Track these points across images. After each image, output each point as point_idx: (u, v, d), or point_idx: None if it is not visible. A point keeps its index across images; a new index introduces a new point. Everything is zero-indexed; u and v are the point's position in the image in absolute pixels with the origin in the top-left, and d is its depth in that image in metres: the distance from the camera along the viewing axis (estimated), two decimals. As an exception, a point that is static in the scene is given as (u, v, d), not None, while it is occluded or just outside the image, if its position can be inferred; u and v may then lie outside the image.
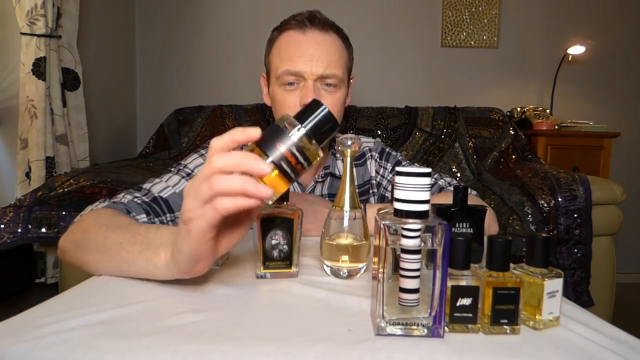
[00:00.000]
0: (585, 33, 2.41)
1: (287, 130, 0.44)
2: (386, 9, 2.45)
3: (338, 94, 0.90)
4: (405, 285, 0.41)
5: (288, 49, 0.88)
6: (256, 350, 0.38)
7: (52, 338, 0.39)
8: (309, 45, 0.86)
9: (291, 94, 0.87)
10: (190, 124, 2.18)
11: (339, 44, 0.91)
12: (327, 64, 0.86)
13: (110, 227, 0.59)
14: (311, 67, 0.85)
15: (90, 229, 0.62)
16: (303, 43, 0.87)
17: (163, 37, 2.49)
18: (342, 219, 0.58)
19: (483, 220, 0.56)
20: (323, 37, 0.88)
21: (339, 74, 0.88)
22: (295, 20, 0.89)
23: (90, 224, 0.63)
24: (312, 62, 0.85)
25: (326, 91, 0.88)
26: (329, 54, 0.87)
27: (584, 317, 0.47)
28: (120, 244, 0.55)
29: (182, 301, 0.48)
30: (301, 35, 0.87)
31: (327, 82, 0.87)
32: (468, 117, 2.16)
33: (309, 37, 0.87)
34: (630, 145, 2.46)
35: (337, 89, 0.89)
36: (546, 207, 1.50)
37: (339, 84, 0.89)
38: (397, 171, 0.41)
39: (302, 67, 0.85)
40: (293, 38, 0.88)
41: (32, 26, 1.65)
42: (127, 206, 0.73)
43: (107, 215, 0.65)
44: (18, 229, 1.34)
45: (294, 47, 0.87)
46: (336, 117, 0.89)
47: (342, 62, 0.91)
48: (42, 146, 1.69)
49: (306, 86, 0.86)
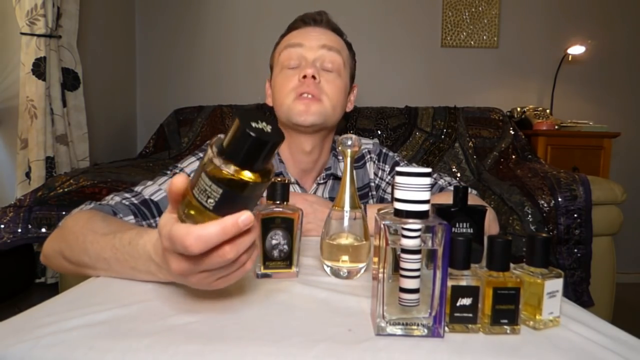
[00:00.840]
0: (585, 33, 2.41)
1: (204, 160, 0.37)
2: (386, 9, 2.45)
3: (338, 80, 0.90)
4: (406, 285, 0.41)
5: (291, 36, 0.92)
6: (256, 350, 0.38)
7: (52, 338, 0.39)
8: (312, 33, 0.90)
9: (290, 75, 0.88)
10: (190, 124, 2.18)
11: (342, 43, 0.94)
12: (329, 41, 0.89)
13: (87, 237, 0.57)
14: (312, 40, 0.88)
15: (69, 238, 0.60)
16: (308, 31, 0.91)
17: (163, 37, 2.49)
18: (342, 219, 0.58)
19: (483, 220, 0.56)
20: (326, 31, 0.92)
21: (342, 53, 0.90)
22: (302, 20, 0.93)
23: (69, 233, 0.61)
24: (314, 39, 0.88)
25: (325, 72, 0.89)
26: (331, 39, 0.90)
27: (584, 317, 0.47)
28: (105, 259, 0.54)
29: (182, 301, 0.48)
30: (306, 27, 0.92)
31: (327, 60, 0.88)
32: (468, 117, 2.16)
33: (314, 28, 0.91)
34: (630, 145, 2.46)
35: (337, 75, 0.90)
36: (546, 207, 1.50)
37: (340, 70, 0.90)
38: (397, 171, 0.41)
39: (303, 40, 0.88)
40: (298, 30, 0.92)
41: (32, 26, 1.65)
42: (114, 208, 0.71)
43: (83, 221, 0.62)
44: (18, 229, 1.34)
45: (297, 33, 0.91)
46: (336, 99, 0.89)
47: (344, 53, 0.92)
48: (42, 146, 1.69)
49: (306, 63, 0.87)
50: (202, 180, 0.37)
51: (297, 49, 0.88)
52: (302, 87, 0.85)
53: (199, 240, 0.36)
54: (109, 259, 0.53)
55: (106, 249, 0.54)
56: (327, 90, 0.87)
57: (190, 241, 0.36)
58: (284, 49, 0.90)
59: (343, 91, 0.91)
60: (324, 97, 0.87)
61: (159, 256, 0.47)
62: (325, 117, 0.87)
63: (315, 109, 0.85)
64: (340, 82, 0.90)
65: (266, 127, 0.36)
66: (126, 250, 0.51)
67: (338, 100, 0.89)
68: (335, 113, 0.90)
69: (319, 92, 0.86)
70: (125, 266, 0.52)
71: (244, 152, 0.35)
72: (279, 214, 0.57)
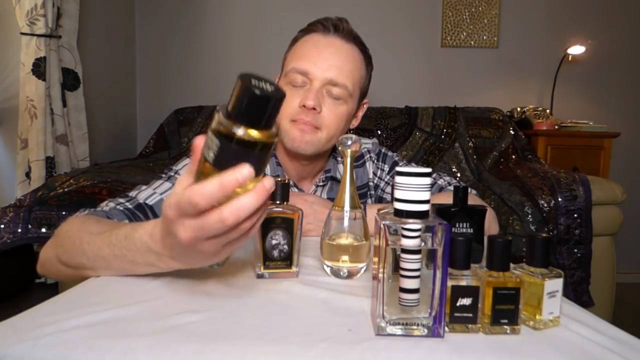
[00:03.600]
0: (585, 33, 2.41)
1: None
2: (386, 9, 2.45)
3: (342, 107, 0.85)
4: (406, 285, 0.41)
5: (305, 47, 0.86)
6: (256, 350, 0.38)
7: (52, 338, 0.39)
8: (326, 48, 0.84)
9: (294, 94, 0.84)
10: (190, 124, 2.18)
11: (358, 58, 0.89)
12: (339, 71, 0.83)
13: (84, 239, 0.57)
14: (320, 69, 0.82)
15: (65, 242, 0.60)
16: (321, 45, 0.85)
17: (163, 37, 2.49)
18: (342, 219, 0.58)
19: (483, 220, 0.56)
20: (343, 45, 0.86)
21: (348, 86, 0.84)
22: (321, 24, 0.87)
23: (65, 238, 0.61)
24: (323, 64, 0.83)
25: (330, 100, 0.84)
26: (343, 62, 0.84)
27: (584, 317, 0.47)
28: (104, 257, 0.54)
29: (182, 301, 0.48)
30: (322, 37, 0.86)
31: (333, 92, 0.84)
32: (468, 117, 2.16)
33: (329, 40, 0.85)
34: (630, 145, 2.46)
35: (343, 102, 0.85)
36: (546, 207, 1.50)
37: (346, 97, 0.85)
38: (397, 171, 0.41)
39: (310, 68, 0.83)
40: (313, 39, 0.86)
41: (32, 26, 1.65)
42: (108, 213, 0.71)
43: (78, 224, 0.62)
44: (18, 229, 1.34)
45: (311, 46, 0.85)
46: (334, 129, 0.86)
47: (356, 76, 0.87)
48: (42, 146, 1.69)
49: (310, 89, 0.83)
50: (210, 139, 0.38)
51: (302, 77, 0.84)
52: (300, 115, 0.83)
53: (202, 196, 0.38)
54: (107, 257, 0.53)
55: (103, 247, 0.54)
56: (327, 120, 0.84)
57: (196, 197, 0.38)
58: (291, 71, 0.85)
59: (345, 118, 0.88)
60: (322, 128, 0.84)
61: (157, 244, 0.47)
62: (319, 147, 0.86)
63: (309, 139, 0.84)
64: (344, 110, 0.86)
65: (267, 85, 0.36)
66: (123, 245, 0.51)
67: (337, 130, 0.87)
68: (331, 142, 0.88)
69: (317, 123, 0.84)
70: (124, 261, 0.52)
71: (250, 110, 0.36)
72: (279, 214, 0.57)
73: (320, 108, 0.83)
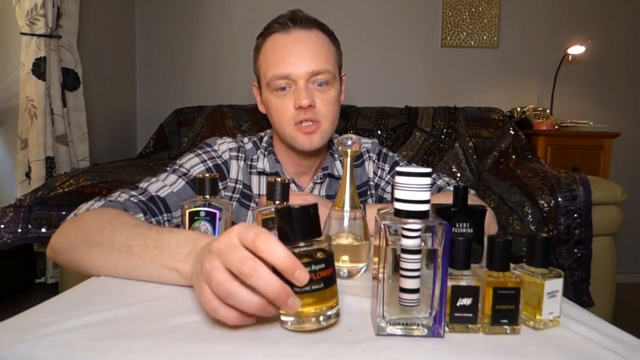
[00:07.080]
0: (585, 33, 2.41)
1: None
2: (386, 9, 2.45)
3: (331, 91, 0.88)
4: (406, 285, 0.41)
5: (274, 52, 0.86)
6: (256, 350, 0.38)
7: (52, 338, 0.39)
8: (294, 45, 0.85)
9: (284, 100, 0.86)
10: (190, 124, 2.18)
11: (325, 40, 0.89)
12: (316, 60, 0.84)
13: (116, 228, 0.58)
14: (299, 67, 0.83)
15: (91, 229, 0.60)
16: (288, 43, 0.85)
17: (163, 37, 2.49)
18: (342, 219, 0.58)
19: (483, 220, 0.56)
20: (308, 35, 0.86)
21: (330, 69, 0.86)
22: (277, 23, 0.88)
23: (91, 224, 0.61)
24: (300, 61, 0.84)
25: (319, 90, 0.86)
26: (316, 50, 0.86)
27: (584, 317, 0.47)
28: (130, 247, 0.54)
29: (182, 301, 0.48)
30: (285, 35, 0.86)
31: (318, 80, 0.85)
32: (468, 117, 2.16)
33: (293, 36, 0.86)
34: (630, 145, 2.46)
35: (330, 86, 0.87)
36: (546, 207, 1.50)
37: (331, 80, 0.87)
38: (397, 171, 0.41)
39: (290, 69, 0.83)
40: (277, 40, 0.86)
41: (32, 26, 1.65)
42: (124, 205, 0.72)
43: (110, 215, 0.64)
44: (18, 229, 1.34)
45: (280, 49, 0.85)
46: (332, 117, 0.89)
47: (331, 56, 0.89)
48: (42, 146, 1.69)
49: (298, 88, 0.84)
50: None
51: (285, 80, 0.85)
52: (300, 116, 0.85)
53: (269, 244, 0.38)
54: (133, 247, 0.54)
55: (135, 238, 0.55)
56: (324, 110, 0.87)
57: (264, 238, 0.38)
58: (272, 79, 0.85)
59: (337, 99, 0.90)
60: (322, 119, 0.87)
61: (202, 250, 0.46)
62: (327, 136, 0.89)
63: (318, 136, 0.86)
64: (334, 92, 0.88)
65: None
66: (163, 238, 0.53)
67: (335, 114, 0.90)
68: (334, 126, 0.91)
69: (316, 117, 0.85)
70: (146, 256, 0.53)
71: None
72: (279, 214, 0.56)
73: (314, 102, 0.85)
